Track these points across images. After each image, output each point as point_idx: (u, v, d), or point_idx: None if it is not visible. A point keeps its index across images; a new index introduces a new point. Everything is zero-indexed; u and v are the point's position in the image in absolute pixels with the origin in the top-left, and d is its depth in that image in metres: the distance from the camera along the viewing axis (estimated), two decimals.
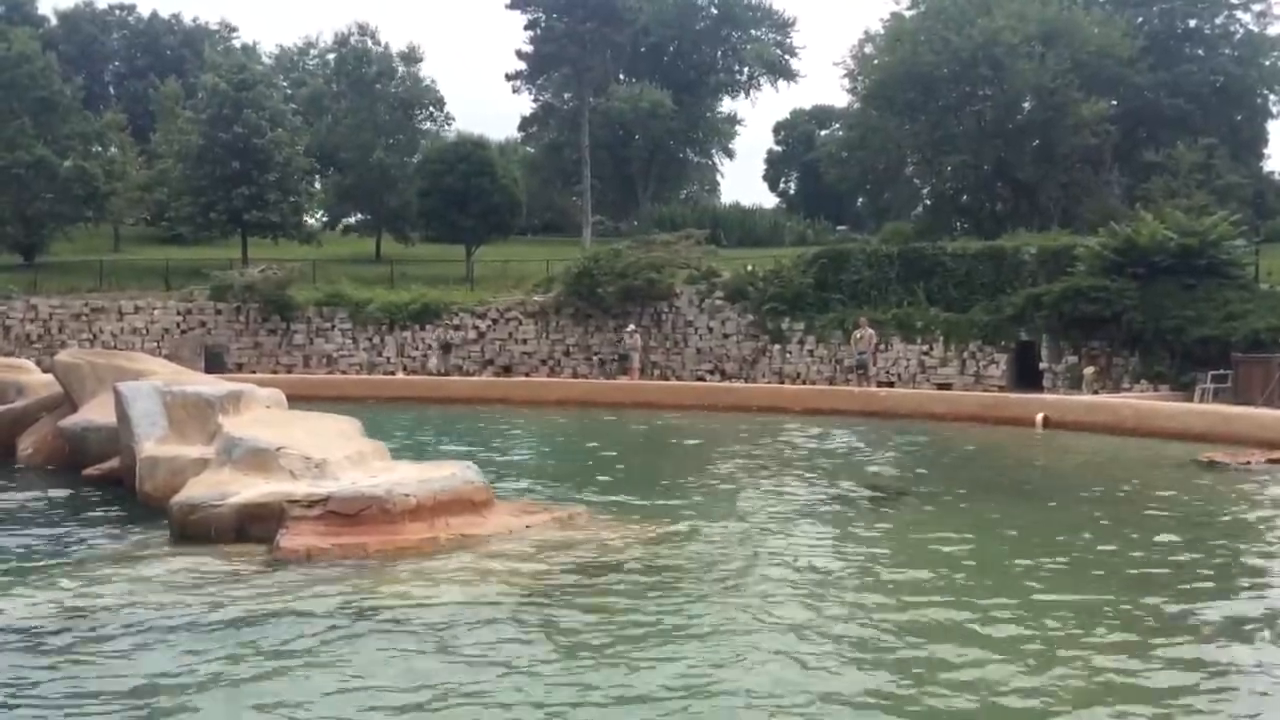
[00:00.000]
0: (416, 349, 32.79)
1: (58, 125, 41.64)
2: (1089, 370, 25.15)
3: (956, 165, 42.02)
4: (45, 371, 15.53)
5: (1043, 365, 26.36)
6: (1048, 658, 6.22)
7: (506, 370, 31.78)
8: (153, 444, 10.74)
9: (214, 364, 29.98)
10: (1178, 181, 36.51)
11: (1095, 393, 23.76)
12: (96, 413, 12.58)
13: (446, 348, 32.22)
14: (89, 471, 12.20)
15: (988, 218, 41.97)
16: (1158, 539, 9.58)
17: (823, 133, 63.07)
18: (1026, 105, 41.14)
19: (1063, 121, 39.64)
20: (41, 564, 8.42)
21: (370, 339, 33.13)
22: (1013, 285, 27.61)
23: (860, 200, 57.97)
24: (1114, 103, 42.14)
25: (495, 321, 32.69)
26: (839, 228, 56.04)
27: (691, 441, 17.78)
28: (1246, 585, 8.20)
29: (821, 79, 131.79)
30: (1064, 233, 32.39)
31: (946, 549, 9.15)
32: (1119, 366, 25.34)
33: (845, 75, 46.53)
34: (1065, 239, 29.39)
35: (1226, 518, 10.80)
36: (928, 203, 47.17)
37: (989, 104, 41.35)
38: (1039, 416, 19.31)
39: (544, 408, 23.65)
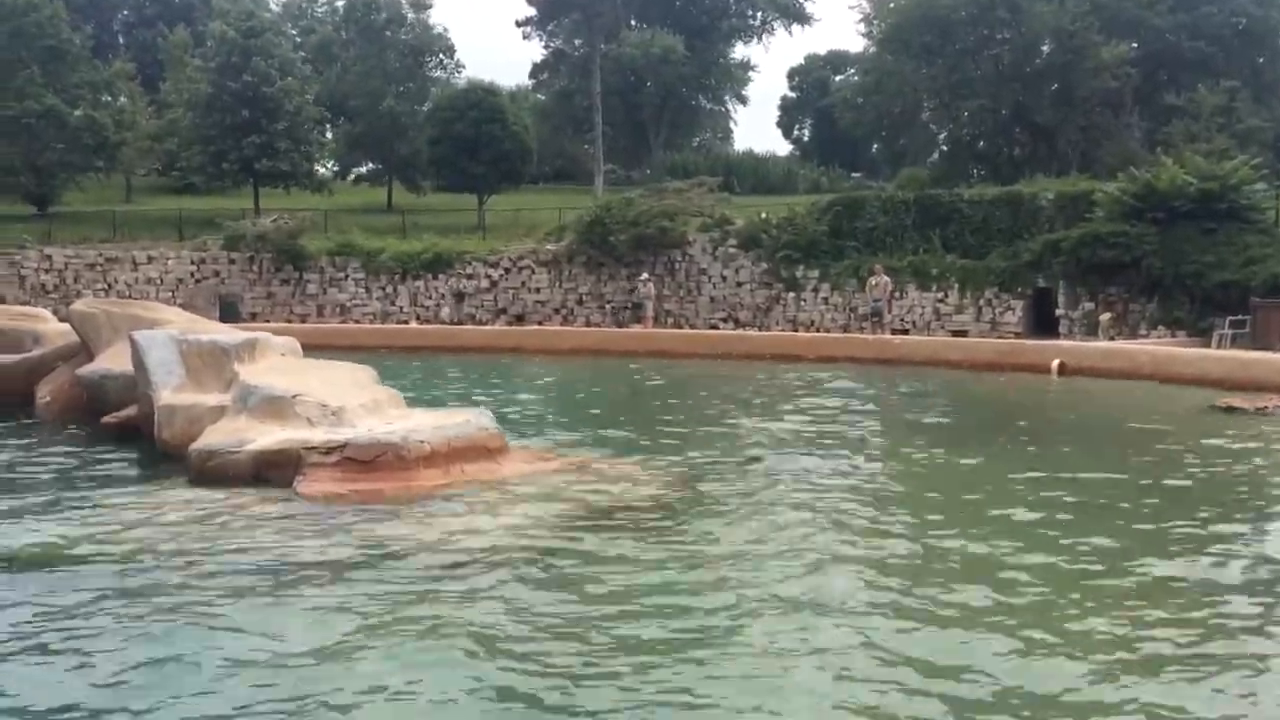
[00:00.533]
0: (429, 298, 32.79)
1: (66, 74, 41.39)
2: (1106, 316, 25.00)
3: (974, 110, 41.46)
4: (62, 321, 15.57)
5: (1059, 312, 26.20)
6: (1047, 586, 6.23)
7: (519, 319, 31.77)
8: (170, 392, 10.77)
9: (228, 313, 30.04)
10: (1198, 125, 35.98)
11: (1112, 339, 23.63)
12: (113, 361, 12.60)
13: (459, 297, 32.21)
14: (107, 420, 12.24)
15: (1005, 163, 41.50)
16: (1168, 482, 9.56)
17: (838, 78, 62.26)
18: (1045, 48, 40.49)
19: (1082, 65, 39.02)
20: (61, 511, 8.49)
21: (383, 288, 33.14)
22: (1030, 231, 27.39)
23: (875, 147, 57.33)
24: (1134, 45, 41.40)
25: (508, 270, 32.63)
26: (853, 175, 55.55)
27: (704, 389, 17.78)
28: (1254, 527, 8.18)
29: (836, 23, 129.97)
30: (1083, 178, 32.02)
31: (959, 490, 9.14)
32: (1136, 313, 25.17)
33: (861, 19, 45.95)
34: (1084, 184, 29.06)
35: (1241, 462, 10.76)
36: (944, 148, 46.64)
37: (1007, 47, 40.71)
38: (1055, 363, 19.22)
39: (557, 356, 23.65)
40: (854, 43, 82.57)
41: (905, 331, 27.06)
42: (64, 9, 42.90)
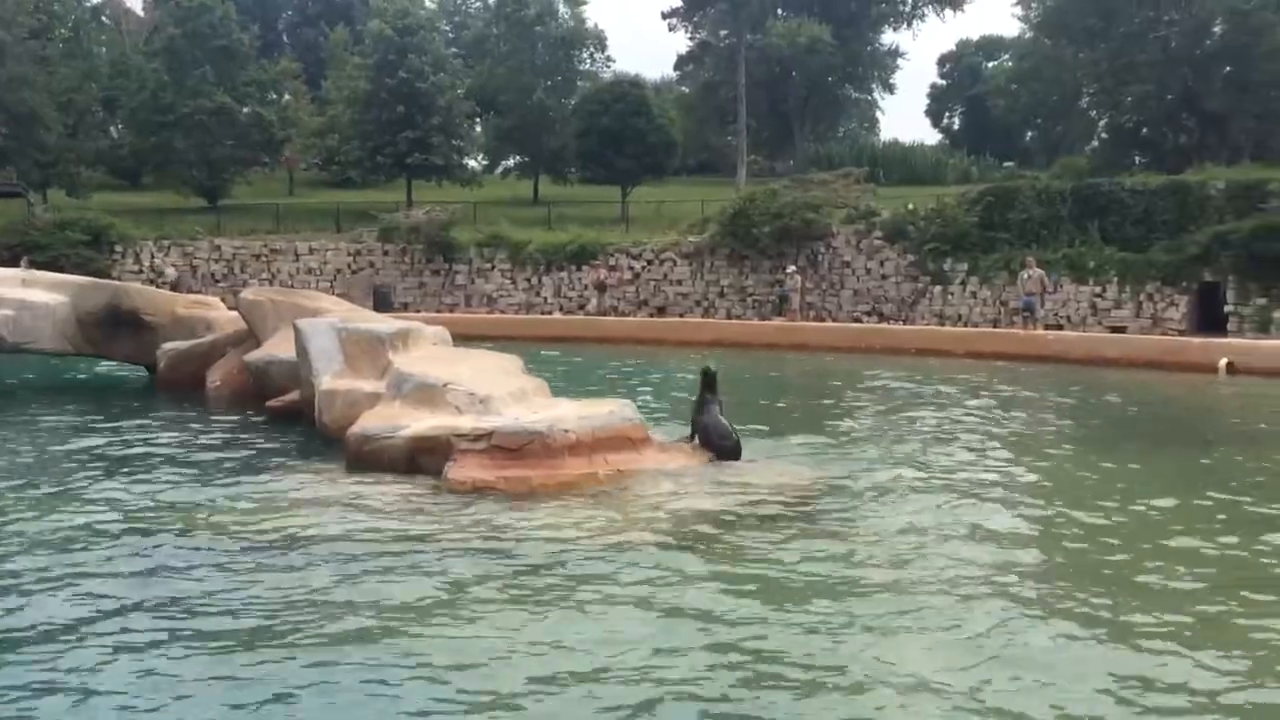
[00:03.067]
0: (573, 289, 33.27)
1: (236, 73, 43.60)
2: None
3: (1138, 95, 39.48)
4: (231, 309, 16.43)
5: (1228, 308, 24.81)
6: (1201, 600, 5.93)
7: (661, 311, 31.91)
8: (330, 378, 11.25)
9: (381, 303, 31.14)
10: None
11: None
12: (278, 348, 13.24)
13: (602, 288, 32.56)
14: (272, 403, 12.87)
15: (1171, 151, 39.41)
16: None
17: (990, 65, 60.26)
18: (1217, 29, 38.26)
19: (1258, 47, 36.70)
20: (228, 488, 8.98)
21: (528, 279, 33.78)
22: (1197, 223, 26.00)
23: (1029, 135, 55.30)
24: None
25: (650, 262, 32.82)
26: (1005, 164, 53.66)
27: (846, 384, 17.53)
28: None
29: (990, 7, 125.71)
30: (1256, 166, 30.18)
31: (1114, 498, 8.76)
32: None
33: (1017, 2, 44.30)
34: (1258, 173, 27.42)
35: None
36: (1104, 136, 44.61)
37: (1176, 29, 38.62)
38: (1223, 362, 18.22)
39: (698, 348, 23.66)
40: (1008, 27, 79.78)
41: (1059, 327, 26.03)
42: (234, 10, 45.21)
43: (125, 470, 9.70)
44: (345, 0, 61.71)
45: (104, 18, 52.40)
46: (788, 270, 30.04)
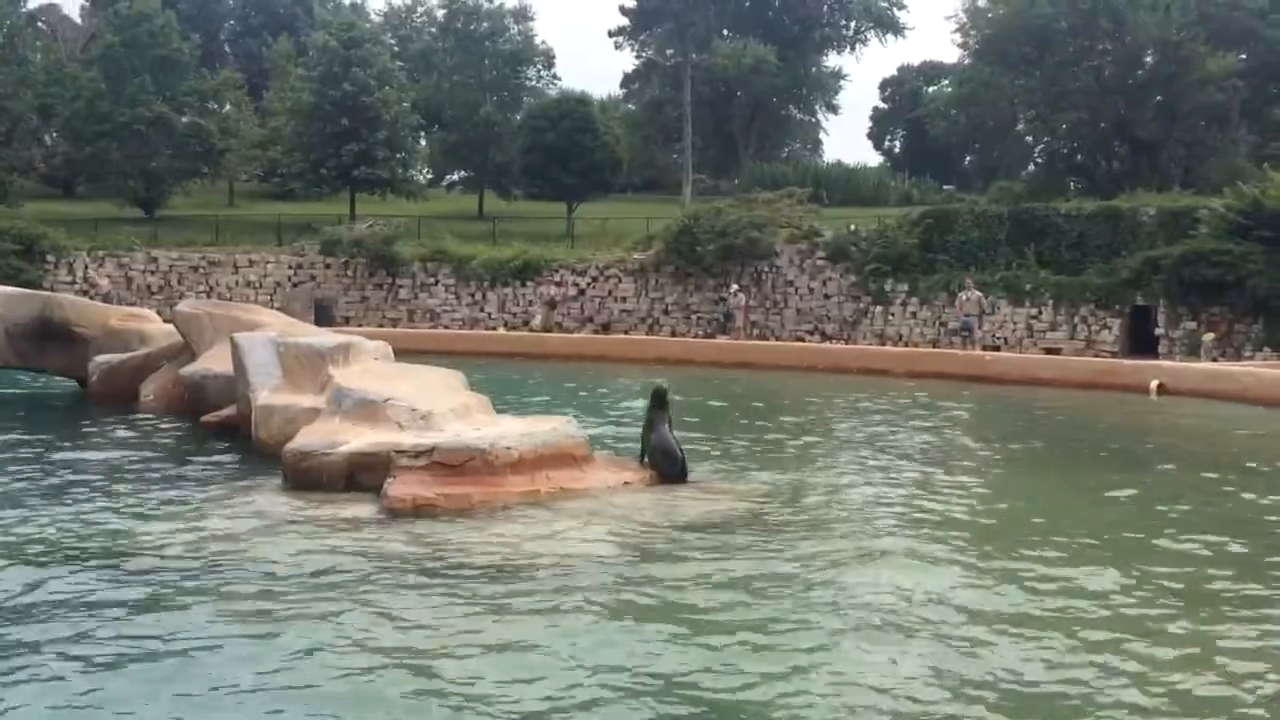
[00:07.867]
0: (518, 305, 33.17)
1: (176, 83, 42.92)
2: (1209, 336, 24.21)
3: (1072, 122, 40.47)
4: (166, 322, 16.12)
5: (1159, 331, 25.47)
6: (1124, 617, 6.06)
7: (605, 328, 31.94)
8: (267, 393, 11.08)
9: (323, 317, 30.76)
10: None
11: (1214, 360, 22.86)
12: (215, 362, 13.00)
13: (553, 304, 32.48)
14: (207, 418, 12.62)
15: (1104, 177, 40.43)
16: (1269, 515, 9.21)
17: (930, 90, 61.36)
18: (1149, 59, 39.38)
19: (1187, 77, 37.82)
20: (161, 507, 8.78)
21: (473, 295, 33.63)
22: (1129, 248, 26.71)
23: (968, 159, 56.39)
24: (1243, 57, 39.97)
25: (595, 279, 32.85)
26: (945, 187, 54.65)
27: (790, 403, 17.67)
28: None
29: (930, 33, 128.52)
30: (1186, 194, 31.09)
31: (1042, 514, 8.93)
32: (1241, 334, 24.35)
33: (956, 29, 45.18)
34: (1187, 200, 28.24)
35: None
36: (1039, 161, 45.68)
37: (1109, 58, 39.66)
38: (1154, 384, 18.65)
39: (643, 366, 23.68)
40: (948, 54, 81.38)
41: (996, 348, 26.52)
42: (175, 19, 44.53)
43: (51, 488, 9.45)
44: (289, 11, 61.17)
45: (40, 24, 51.34)
46: (731, 289, 30.25)
